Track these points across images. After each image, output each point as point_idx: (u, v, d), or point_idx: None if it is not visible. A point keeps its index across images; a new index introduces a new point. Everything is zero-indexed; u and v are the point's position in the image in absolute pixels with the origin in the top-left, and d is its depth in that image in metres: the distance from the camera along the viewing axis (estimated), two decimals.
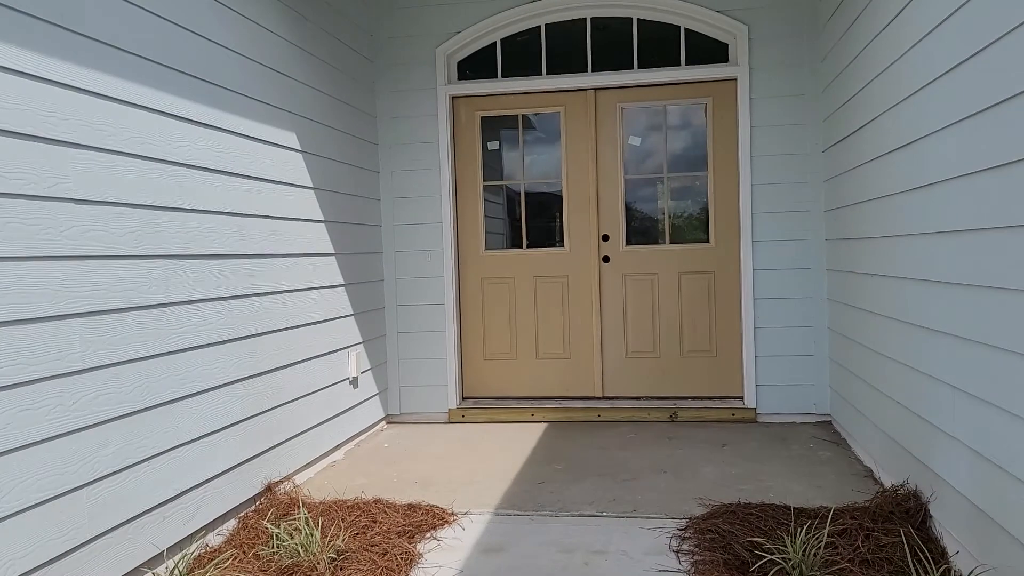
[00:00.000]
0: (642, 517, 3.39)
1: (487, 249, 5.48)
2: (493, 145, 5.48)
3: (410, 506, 3.55)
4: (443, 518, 3.42)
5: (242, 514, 3.51)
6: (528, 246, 5.50)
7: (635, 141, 5.33)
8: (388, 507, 3.52)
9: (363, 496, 3.74)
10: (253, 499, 3.62)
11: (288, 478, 3.92)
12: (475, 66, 5.38)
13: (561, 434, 4.88)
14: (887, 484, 3.54)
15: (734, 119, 5.11)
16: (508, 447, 4.62)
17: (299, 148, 4.21)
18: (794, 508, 3.28)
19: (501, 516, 3.48)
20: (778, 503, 3.39)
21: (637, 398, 5.35)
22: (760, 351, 5.02)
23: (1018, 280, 2.33)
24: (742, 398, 5.18)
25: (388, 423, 5.38)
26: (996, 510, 2.50)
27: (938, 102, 2.88)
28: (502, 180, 5.55)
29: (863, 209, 3.93)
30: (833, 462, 4.07)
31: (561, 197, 5.38)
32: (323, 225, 4.46)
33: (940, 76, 2.84)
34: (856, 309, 4.17)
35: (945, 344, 2.85)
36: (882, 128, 3.56)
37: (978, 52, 2.53)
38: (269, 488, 3.69)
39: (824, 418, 4.96)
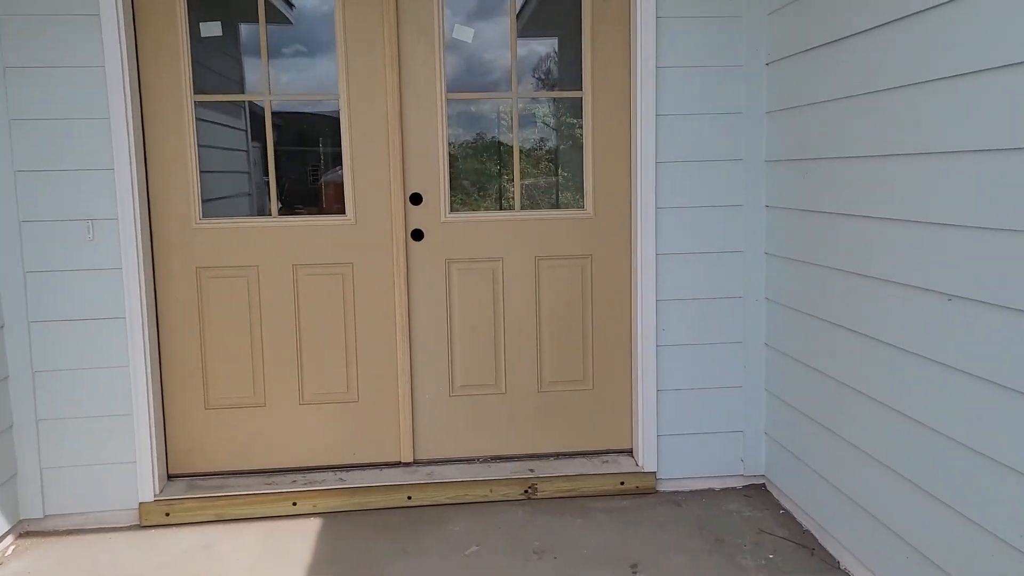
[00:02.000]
0: None
1: (206, 217, 3.28)
2: (211, 29, 3.22)
3: None
4: None
5: None
6: (282, 212, 3.39)
7: (464, 35, 3.34)
8: None
9: None
10: None
11: None
12: None
13: (350, 548, 2.88)
14: None
15: (627, 2, 3.32)
16: None
17: None
18: None
19: None
20: None
21: (471, 461, 3.48)
22: (664, 382, 3.35)
23: None
24: (631, 452, 3.50)
25: (23, 538, 3.09)
26: None
27: None
28: (232, 94, 3.37)
29: (882, 170, 2.31)
30: None
31: (339, 129, 3.33)
32: None
33: None
34: (851, 333, 2.59)
35: None
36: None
37: None
38: None
39: (755, 480, 3.43)
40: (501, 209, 3.44)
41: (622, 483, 3.32)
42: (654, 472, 3.33)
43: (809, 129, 2.85)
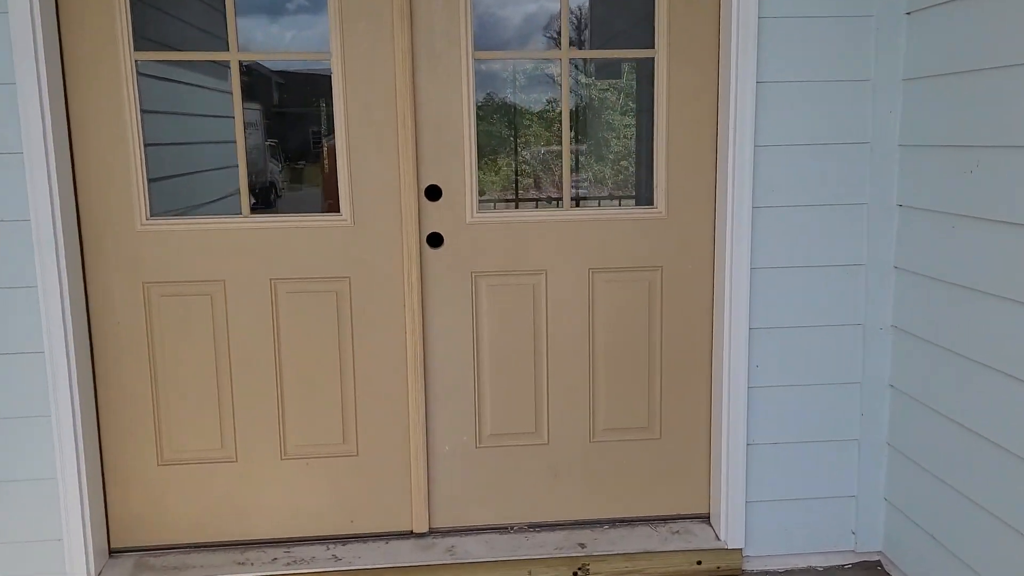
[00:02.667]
0: None
1: (155, 216, 2.55)
2: None
3: None
4: None
5: None
6: (256, 209, 2.64)
7: None
8: None
9: None
10: None
11: None
12: None
13: None
14: None
15: None
16: None
17: None
18: None
19: None
20: None
21: (503, 531, 2.75)
22: (756, 433, 2.61)
23: None
24: (708, 519, 2.79)
25: None
26: None
27: None
28: (182, 51, 2.61)
29: None
30: None
31: (331, 100, 2.56)
32: None
33: None
34: (1020, 383, 1.87)
35: None
36: None
37: None
38: None
39: (869, 557, 2.67)
40: (546, 207, 2.69)
41: (699, 562, 2.59)
42: (740, 549, 2.59)
43: (981, 106, 2.07)
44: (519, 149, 3.10)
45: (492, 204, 3.19)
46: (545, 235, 2.58)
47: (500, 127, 3.03)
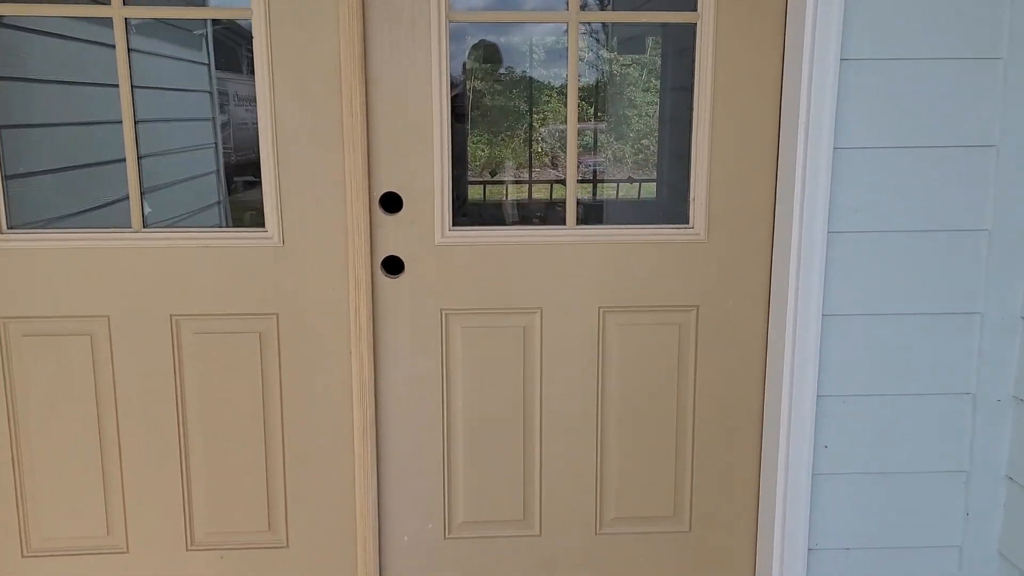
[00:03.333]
0: None
1: (13, 229, 1.93)
2: None
3: None
4: None
5: None
6: (149, 224, 2.02)
7: None
8: None
9: None
10: None
11: None
12: None
13: None
14: None
15: None
16: None
17: None
18: None
19: None
20: None
21: None
22: (820, 534, 1.96)
23: None
24: None
25: None
26: None
27: None
28: (51, 3, 2.00)
29: None
30: None
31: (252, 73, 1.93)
32: None
33: None
34: None
35: None
36: None
37: None
38: None
39: None
40: (546, 223, 2.07)
41: None
42: None
43: None
44: (533, 127, 2.55)
45: (503, 185, 2.66)
46: (542, 261, 1.94)
47: (519, 102, 2.49)
